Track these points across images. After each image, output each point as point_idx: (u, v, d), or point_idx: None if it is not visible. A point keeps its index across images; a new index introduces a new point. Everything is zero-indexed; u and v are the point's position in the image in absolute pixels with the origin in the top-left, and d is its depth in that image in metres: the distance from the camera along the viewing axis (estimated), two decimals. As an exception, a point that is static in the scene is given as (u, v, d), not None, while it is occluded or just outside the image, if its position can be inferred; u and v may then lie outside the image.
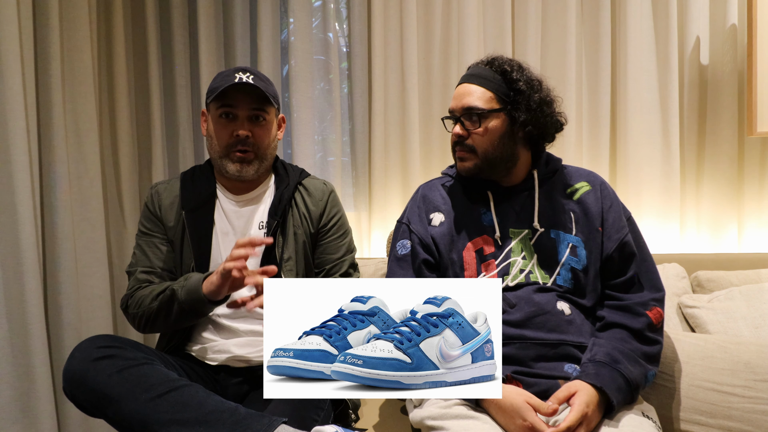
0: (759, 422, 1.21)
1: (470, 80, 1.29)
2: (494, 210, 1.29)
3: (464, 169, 1.29)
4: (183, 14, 2.11)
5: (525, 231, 1.27)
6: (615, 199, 1.32)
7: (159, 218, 1.42)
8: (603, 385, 1.07)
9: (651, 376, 1.18)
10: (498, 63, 1.29)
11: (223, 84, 1.33)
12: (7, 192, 1.68)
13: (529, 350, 1.18)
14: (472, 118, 1.26)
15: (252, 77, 1.34)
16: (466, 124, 1.27)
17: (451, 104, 1.31)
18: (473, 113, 1.25)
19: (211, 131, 1.40)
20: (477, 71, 1.30)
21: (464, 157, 1.28)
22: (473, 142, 1.26)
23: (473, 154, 1.27)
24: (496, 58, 1.31)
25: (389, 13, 2.07)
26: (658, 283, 1.27)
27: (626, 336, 1.19)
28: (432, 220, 1.32)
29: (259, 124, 1.38)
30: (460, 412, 1.08)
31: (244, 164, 1.37)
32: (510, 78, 1.26)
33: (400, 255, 1.31)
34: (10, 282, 1.70)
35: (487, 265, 1.25)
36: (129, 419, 1.07)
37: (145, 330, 1.35)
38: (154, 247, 1.40)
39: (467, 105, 1.26)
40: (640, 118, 2.01)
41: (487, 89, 1.26)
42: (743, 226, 2.03)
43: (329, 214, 1.46)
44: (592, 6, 2.04)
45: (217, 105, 1.36)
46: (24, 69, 1.71)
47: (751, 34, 1.82)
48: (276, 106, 1.41)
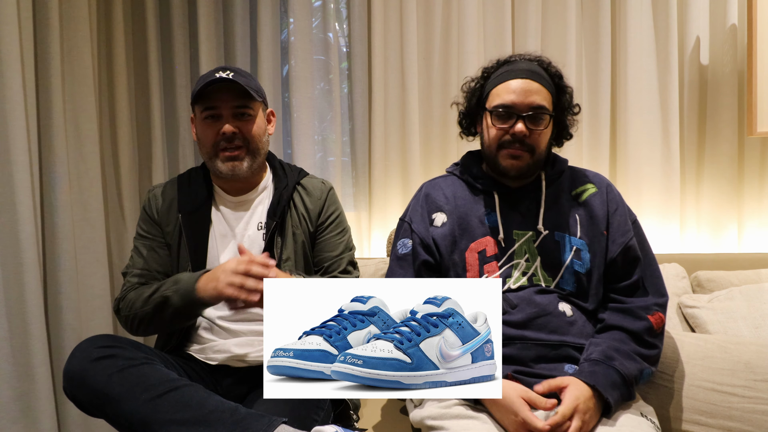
0: (759, 422, 1.21)
1: (531, 77, 1.23)
2: (499, 211, 1.28)
3: (516, 167, 1.24)
4: (183, 14, 2.10)
5: (529, 233, 1.26)
6: (621, 202, 1.31)
7: (156, 222, 1.41)
8: (596, 383, 1.07)
9: (647, 374, 1.18)
10: (547, 63, 1.28)
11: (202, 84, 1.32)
12: (7, 192, 1.68)
13: (529, 351, 1.18)
14: (538, 119, 1.22)
15: (232, 74, 1.32)
16: (528, 123, 1.21)
17: (509, 99, 1.22)
18: (542, 113, 1.22)
19: (199, 134, 1.39)
20: (533, 68, 1.25)
21: (520, 156, 1.23)
22: (533, 142, 1.22)
23: (530, 154, 1.23)
24: (542, 57, 1.29)
25: (389, 13, 2.08)
26: (662, 289, 1.26)
27: (624, 338, 1.19)
28: (434, 221, 1.30)
29: (244, 119, 1.36)
30: (460, 412, 1.08)
31: (235, 162, 1.35)
32: (560, 84, 1.28)
33: (401, 254, 1.31)
34: (10, 282, 1.70)
35: (489, 267, 1.25)
36: (129, 419, 1.07)
37: (138, 333, 1.33)
38: (152, 250, 1.40)
39: (536, 104, 1.21)
40: (640, 118, 2.01)
41: (548, 91, 1.25)
42: (743, 226, 2.03)
43: (327, 212, 1.45)
44: (592, 6, 2.04)
45: (201, 107, 1.35)
46: (24, 69, 1.71)
47: (751, 34, 1.82)
48: (260, 99, 1.39)
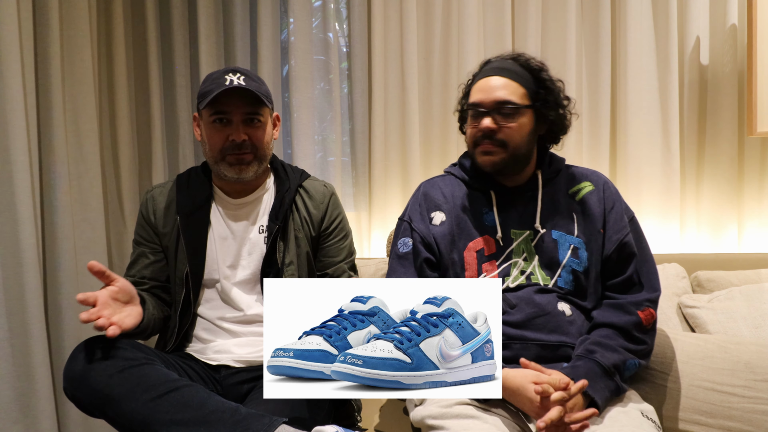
0: (759, 422, 1.21)
1: (500, 73, 1.25)
2: (497, 211, 1.29)
3: (490, 163, 1.24)
4: (183, 14, 2.10)
5: (527, 232, 1.27)
6: (618, 200, 1.31)
7: (152, 225, 1.41)
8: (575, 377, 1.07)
9: (632, 365, 1.18)
10: (525, 59, 1.28)
11: (214, 88, 1.29)
12: (7, 192, 1.68)
13: (529, 351, 1.18)
14: (505, 112, 1.22)
15: (243, 78, 1.31)
16: (497, 118, 1.23)
17: (477, 97, 1.25)
18: (507, 107, 1.22)
19: (204, 136, 1.37)
20: (504, 65, 1.27)
21: (492, 151, 1.24)
22: (505, 137, 1.23)
23: (503, 148, 1.23)
24: (521, 54, 1.29)
25: (389, 13, 2.07)
26: (656, 284, 1.26)
27: (611, 333, 1.19)
28: (433, 219, 1.31)
29: (255, 126, 1.35)
30: (461, 412, 1.08)
31: (242, 166, 1.34)
32: (539, 76, 1.26)
33: (402, 253, 1.31)
34: (10, 282, 1.70)
35: (488, 266, 1.25)
36: (129, 419, 1.07)
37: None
38: (144, 257, 1.40)
39: (501, 98, 1.22)
40: (640, 118, 2.01)
41: (520, 84, 1.24)
42: (743, 226, 2.03)
43: (331, 217, 1.45)
44: (592, 6, 2.04)
45: (210, 111, 1.32)
46: (24, 69, 1.71)
47: (751, 34, 1.82)
48: (269, 105, 1.38)
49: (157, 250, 1.41)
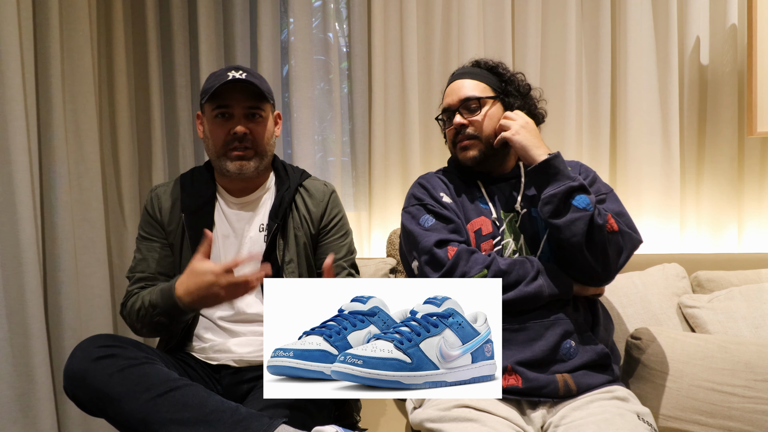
0: (759, 422, 1.21)
1: (461, 77, 1.38)
2: (487, 196, 1.36)
3: (469, 157, 1.35)
4: (183, 14, 2.10)
5: (511, 214, 1.34)
6: (595, 176, 1.38)
7: (159, 222, 1.41)
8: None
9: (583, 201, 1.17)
10: (483, 62, 1.41)
11: (216, 83, 1.32)
12: (7, 192, 1.68)
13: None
14: (471, 107, 1.34)
15: (245, 74, 1.33)
16: (464, 114, 1.34)
17: (446, 101, 1.39)
18: (471, 102, 1.34)
19: (207, 132, 1.38)
20: (465, 70, 1.40)
21: (468, 146, 1.34)
22: (475, 130, 1.34)
23: (477, 140, 1.34)
24: (479, 59, 1.42)
25: (389, 13, 2.08)
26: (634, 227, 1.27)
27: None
28: (442, 198, 1.36)
29: (256, 120, 1.36)
30: (459, 415, 1.08)
31: (243, 161, 1.35)
32: (497, 71, 1.39)
33: (428, 226, 1.31)
34: (10, 282, 1.70)
35: (486, 244, 1.30)
36: (130, 419, 1.07)
37: (143, 336, 1.36)
38: (154, 251, 1.40)
39: (463, 96, 1.35)
40: (640, 118, 2.01)
41: (480, 81, 1.37)
42: (743, 226, 2.03)
43: (330, 215, 1.45)
44: (592, 6, 2.04)
45: (212, 105, 1.35)
46: (24, 69, 1.71)
47: (751, 34, 1.82)
48: (271, 102, 1.40)
49: (166, 245, 1.41)
